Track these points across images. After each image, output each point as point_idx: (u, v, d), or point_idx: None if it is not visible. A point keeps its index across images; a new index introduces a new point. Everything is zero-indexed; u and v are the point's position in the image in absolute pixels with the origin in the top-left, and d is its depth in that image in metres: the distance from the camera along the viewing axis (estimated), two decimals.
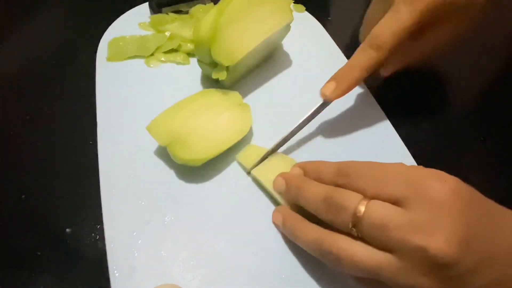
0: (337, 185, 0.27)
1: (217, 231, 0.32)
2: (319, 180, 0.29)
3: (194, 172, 0.35)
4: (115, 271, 0.29)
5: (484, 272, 0.22)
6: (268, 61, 0.45)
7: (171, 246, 0.31)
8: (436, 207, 0.22)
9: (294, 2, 0.48)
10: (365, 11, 0.41)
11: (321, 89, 0.35)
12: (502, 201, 0.25)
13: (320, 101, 0.36)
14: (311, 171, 0.31)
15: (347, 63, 0.35)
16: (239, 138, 0.36)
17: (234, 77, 0.41)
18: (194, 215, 0.33)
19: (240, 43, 0.38)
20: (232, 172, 0.36)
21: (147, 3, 0.50)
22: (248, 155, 0.36)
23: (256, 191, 0.35)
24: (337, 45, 0.48)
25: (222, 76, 0.38)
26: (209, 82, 0.42)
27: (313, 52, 0.47)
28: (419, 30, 0.35)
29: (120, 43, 0.45)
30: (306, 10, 0.51)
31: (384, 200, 0.24)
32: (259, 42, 0.38)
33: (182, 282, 0.29)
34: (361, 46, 0.35)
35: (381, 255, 0.23)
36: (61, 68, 0.45)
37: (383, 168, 0.26)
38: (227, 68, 0.38)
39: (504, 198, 0.24)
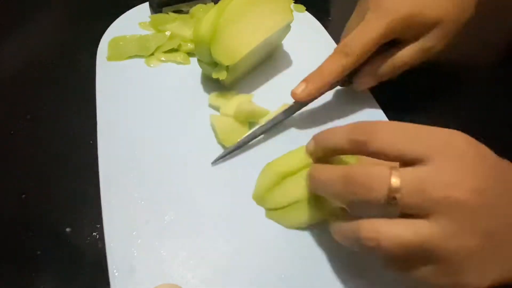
0: (354, 154, 0.27)
1: (217, 231, 0.32)
2: (333, 154, 0.29)
3: (194, 171, 0.35)
4: (115, 271, 0.29)
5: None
6: (268, 61, 0.45)
7: (171, 246, 0.31)
8: (460, 159, 0.23)
9: (294, 2, 0.48)
10: None
11: (292, 89, 0.37)
12: None
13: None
14: (321, 145, 0.29)
15: (318, 67, 0.37)
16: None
17: (234, 77, 0.41)
18: (194, 215, 0.33)
19: (240, 42, 0.38)
20: (232, 172, 0.36)
21: (147, 3, 0.50)
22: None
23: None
24: (337, 45, 0.47)
25: (222, 75, 0.38)
26: (209, 81, 0.42)
27: (313, 52, 0.46)
28: (390, 43, 0.36)
29: (121, 43, 0.45)
30: (306, 10, 0.51)
31: (408, 160, 0.24)
32: (259, 42, 0.38)
33: (182, 281, 0.29)
34: (332, 52, 0.37)
35: (425, 226, 0.22)
36: (61, 68, 0.45)
37: (401, 128, 0.25)
38: (227, 67, 0.38)
39: None
